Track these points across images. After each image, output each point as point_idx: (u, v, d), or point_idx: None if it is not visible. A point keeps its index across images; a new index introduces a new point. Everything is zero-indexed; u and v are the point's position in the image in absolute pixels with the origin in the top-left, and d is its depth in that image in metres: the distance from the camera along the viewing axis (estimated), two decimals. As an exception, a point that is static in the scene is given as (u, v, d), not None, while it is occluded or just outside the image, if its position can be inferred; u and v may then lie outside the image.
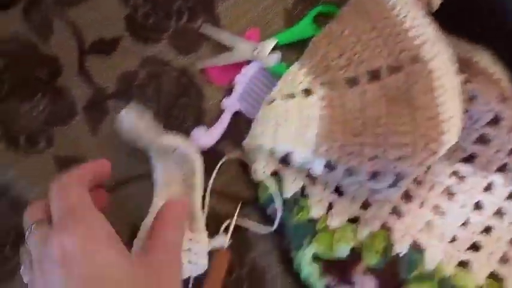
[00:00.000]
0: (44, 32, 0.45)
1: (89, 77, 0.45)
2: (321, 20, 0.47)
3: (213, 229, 0.42)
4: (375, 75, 0.41)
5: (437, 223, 0.40)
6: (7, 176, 0.42)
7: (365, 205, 0.41)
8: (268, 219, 0.43)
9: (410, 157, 0.35)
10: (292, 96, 0.41)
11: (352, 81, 0.41)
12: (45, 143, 0.43)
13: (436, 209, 0.40)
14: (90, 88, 0.44)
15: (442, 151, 0.36)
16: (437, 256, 0.39)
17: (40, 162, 0.43)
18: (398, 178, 0.37)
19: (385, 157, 0.36)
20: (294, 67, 0.42)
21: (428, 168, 0.41)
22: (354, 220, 0.41)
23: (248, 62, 0.46)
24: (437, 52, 0.40)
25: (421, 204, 0.40)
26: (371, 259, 0.38)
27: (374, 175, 0.38)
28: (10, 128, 0.43)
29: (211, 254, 0.40)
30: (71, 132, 0.44)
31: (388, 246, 0.38)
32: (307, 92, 0.41)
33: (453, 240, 0.41)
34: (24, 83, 0.44)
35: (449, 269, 0.40)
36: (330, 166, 0.39)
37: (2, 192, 0.42)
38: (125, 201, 0.43)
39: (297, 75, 0.41)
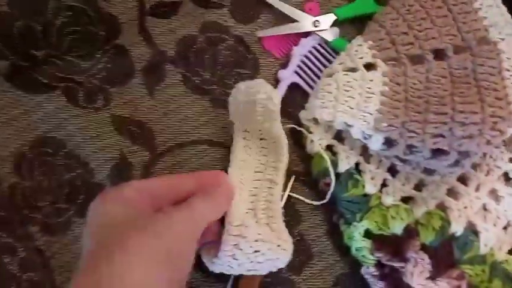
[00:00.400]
0: (105, -10, 0.45)
1: (149, 37, 0.45)
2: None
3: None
4: (439, 54, 0.41)
5: (493, 207, 0.40)
6: (64, 131, 0.43)
7: (418, 186, 0.41)
8: (318, 193, 0.43)
9: (478, 136, 0.35)
10: (354, 70, 0.41)
11: (417, 59, 0.41)
12: (103, 101, 0.43)
13: (493, 193, 0.40)
14: (150, 49, 0.44)
15: (510, 131, 0.35)
16: (491, 240, 0.39)
17: (96, 120, 0.43)
18: (462, 157, 0.36)
19: (451, 135, 0.36)
20: (358, 41, 0.41)
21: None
22: (406, 199, 0.41)
23: (306, 35, 0.46)
24: (507, 34, 0.39)
25: (477, 188, 0.40)
26: (427, 236, 0.37)
27: (435, 153, 0.37)
28: (70, 83, 0.44)
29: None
30: (128, 92, 0.44)
31: (445, 224, 0.37)
32: (370, 66, 0.41)
33: (507, 226, 0.40)
34: (84, 39, 0.44)
35: (501, 255, 0.40)
36: (388, 143, 0.39)
37: (58, 147, 0.43)
38: (179, 166, 0.43)
39: (361, 49, 0.41)
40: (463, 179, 0.40)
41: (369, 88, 0.40)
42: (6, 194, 0.42)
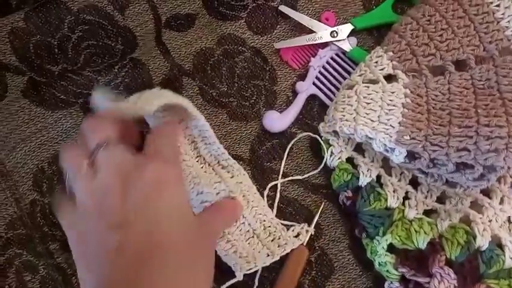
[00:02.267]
0: (120, 3, 0.45)
1: (166, 51, 0.44)
2: (399, 6, 0.46)
3: (282, 214, 0.42)
4: (461, 65, 0.40)
5: (518, 220, 0.39)
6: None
7: (440, 199, 0.40)
8: (338, 206, 0.42)
9: (505, 150, 0.34)
10: (374, 81, 0.41)
11: (438, 70, 0.40)
12: (121, 116, 0.43)
13: (517, 205, 0.39)
14: (167, 63, 0.44)
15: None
16: (517, 254, 0.38)
17: (115, 135, 0.43)
18: (488, 171, 0.35)
19: (476, 149, 0.35)
20: (378, 52, 0.41)
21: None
22: (429, 212, 0.40)
23: (323, 45, 0.45)
24: (530, 44, 0.39)
25: (502, 200, 0.39)
26: (453, 251, 0.37)
27: (459, 167, 0.37)
28: (87, 99, 0.43)
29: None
30: (146, 106, 0.44)
31: (470, 239, 0.37)
32: (391, 78, 0.41)
33: (531, 239, 0.40)
34: (101, 53, 0.44)
35: (527, 268, 0.39)
36: (411, 156, 0.38)
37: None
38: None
39: (381, 60, 0.40)
40: (486, 192, 0.39)
41: (391, 100, 0.39)
42: (26, 211, 0.42)
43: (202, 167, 0.41)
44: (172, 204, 0.32)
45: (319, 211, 0.42)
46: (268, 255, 0.39)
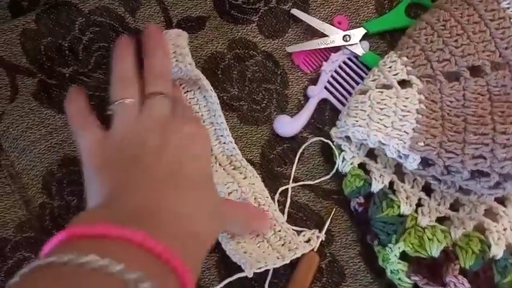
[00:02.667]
0: (132, 5, 0.45)
1: (177, 55, 0.44)
2: (412, 10, 0.45)
3: (293, 219, 0.42)
4: (476, 71, 0.40)
5: (533, 229, 0.38)
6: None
7: (453, 206, 0.40)
8: (350, 212, 0.42)
9: (522, 158, 0.34)
10: (388, 87, 0.40)
11: (453, 76, 0.40)
12: (132, 119, 0.43)
13: (532, 214, 0.39)
14: (178, 66, 0.44)
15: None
16: (531, 263, 0.38)
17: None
18: (504, 179, 0.35)
19: (492, 157, 0.35)
20: (391, 57, 0.40)
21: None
22: (442, 219, 0.40)
23: (335, 49, 0.45)
24: (548, 50, 0.38)
25: (516, 208, 0.39)
26: (467, 260, 0.36)
27: (474, 175, 0.36)
28: (98, 101, 0.43)
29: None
30: (157, 110, 0.43)
31: (485, 248, 0.36)
32: (404, 83, 0.40)
33: (546, 248, 0.39)
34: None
35: (542, 278, 0.38)
36: (425, 162, 0.38)
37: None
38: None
39: (395, 65, 0.40)
40: (501, 199, 0.39)
41: (405, 106, 0.39)
42: (35, 213, 0.41)
43: (212, 166, 0.41)
44: (201, 157, 0.35)
45: (330, 217, 0.42)
46: (278, 258, 0.39)
